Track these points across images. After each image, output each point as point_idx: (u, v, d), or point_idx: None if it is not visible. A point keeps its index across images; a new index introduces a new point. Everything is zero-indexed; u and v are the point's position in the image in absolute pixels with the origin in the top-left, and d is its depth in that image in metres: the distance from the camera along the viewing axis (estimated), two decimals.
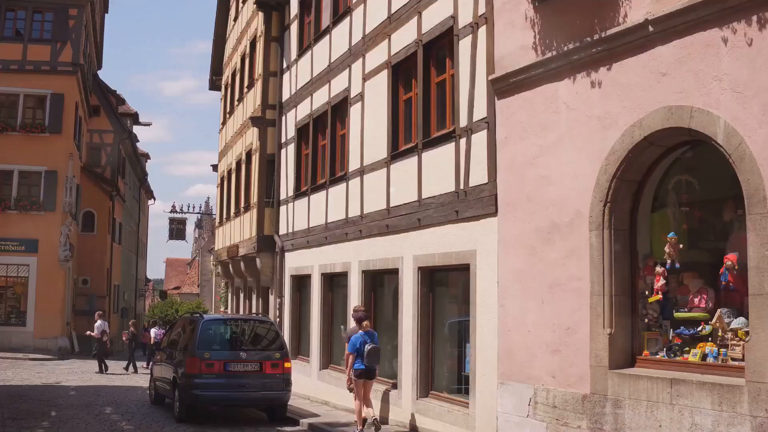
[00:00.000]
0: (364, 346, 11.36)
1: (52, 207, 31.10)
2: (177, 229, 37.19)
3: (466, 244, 10.34)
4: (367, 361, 11.34)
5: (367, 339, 11.46)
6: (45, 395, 16.35)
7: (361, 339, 11.44)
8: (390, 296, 13.38)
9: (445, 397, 11.01)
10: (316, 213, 16.07)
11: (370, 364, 11.41)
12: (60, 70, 31.88)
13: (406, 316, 11.85)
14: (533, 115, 9.26)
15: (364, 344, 11.38)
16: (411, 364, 11.61)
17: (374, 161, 13.24)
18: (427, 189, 11.41)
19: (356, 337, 11.52)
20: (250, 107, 20.41)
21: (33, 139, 31.17)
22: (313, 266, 16.07)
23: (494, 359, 9.61)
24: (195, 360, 12.55)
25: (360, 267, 13.64)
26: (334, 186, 15.14)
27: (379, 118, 13.18)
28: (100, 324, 23.63)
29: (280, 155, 18.70)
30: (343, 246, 14.47)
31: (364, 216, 13.55)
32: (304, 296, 17.60)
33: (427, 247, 11.37)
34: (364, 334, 11.51)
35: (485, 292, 9.88)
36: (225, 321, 13.92)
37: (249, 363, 12.74)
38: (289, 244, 17.76)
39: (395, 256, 12.31)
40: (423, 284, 11.57)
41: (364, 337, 11.46)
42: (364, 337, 11.47)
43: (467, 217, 10.32)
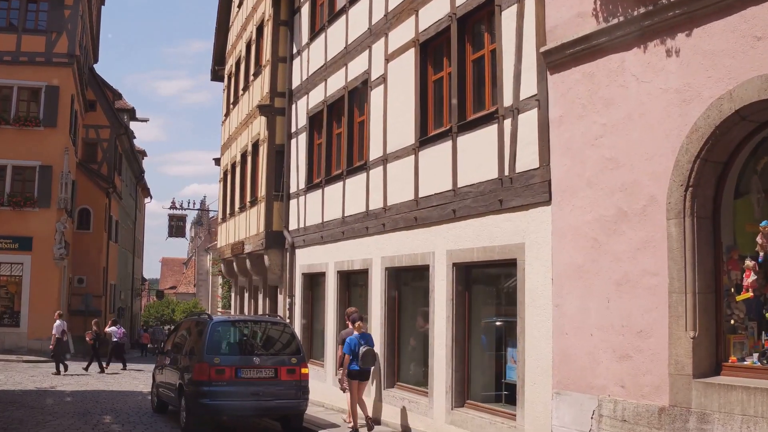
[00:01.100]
0: (359, 348, 11.53)
1: (46, 203, 30.08)
2: (177, 226, 36.05)
3: (511, 237, 9.25)
4: (362, 363, 11.51)
5: (362, 341, 11.65)
6: (39, 402, 15.21)
7: (356, 341, 11.61)
8: (418, 295, 12.29)
9: (485, 407, 9.91)
10: (331, 206, 14.96)
11: (365, 366, 11.59)
12: (55, 61, 30.92)
13: (438, 317, 10.75)
14: (594, 90, 8.19)
15: (359, 346, 11.55)
16: (444, 370, 10.51)
17: (399, 148, 12.14)
18: (463, 177, 10.32)
19: (352, 339, 11.67)
20: (256, 95, 19.27)
21: (27, 133, 30.18)
22: (328, 263, 14.96)
23: (548, 366, 8.53)
24: (204, 366, 11.42)
25: (383, 264, 12.54)
26: (353, 176, 14.03)
27: (404, 101, 12.09)
28: (59, 324, 22.64)
29: (290, 146, 17.57)
30: (363, 241, 13.36)
31: (387, 208, 12.45)
32: (317, 296, 16.49)
33: (463, 240, 10.28)
34: (359, 336, 11.69)
35: (536, 291, 8.79)
36: (236, 323, 12.75)
37: (263, 369, 11.62)
38: (300, 240, 16.63)
39: (425, 252, 11.21)
40: (458, 282, 10.47)
41: (359, 339, 11.65)
42: (360, 339, 11.66)
43: (513, 206, 9.23)
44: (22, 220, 29.50)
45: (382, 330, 12.45)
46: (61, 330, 22.56)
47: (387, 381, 12.32)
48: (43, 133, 30.35)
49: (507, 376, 9.89)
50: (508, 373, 9.88)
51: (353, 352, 11.52)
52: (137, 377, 23.38)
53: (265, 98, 18.13)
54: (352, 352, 11.53)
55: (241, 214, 20.79)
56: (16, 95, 30.73)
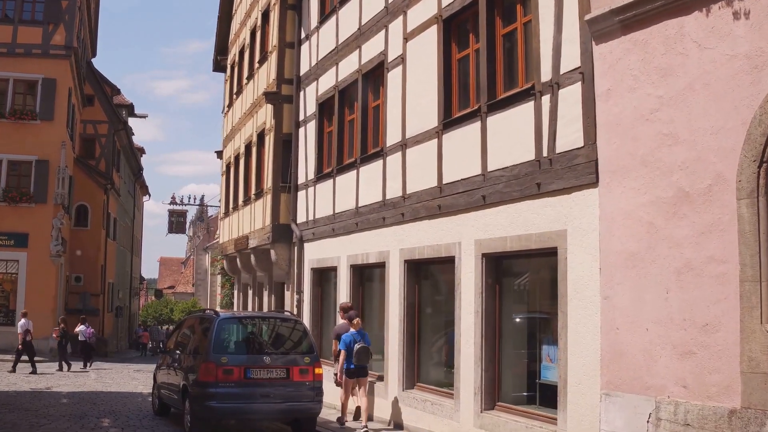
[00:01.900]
0: (354, 344, 11.44)
1: (43, 199, 29.30)
2: (177, 221, 35.15)
3: (551, 224, 8.46)
4: (356, 360, 11.38)
5: (358, 338, 11.55)
6: (34, 403, 14.37)
7: (351, 338, 11.50)
8: (440, 289, 11.51)
9: (519, 410, 9.10)
10: (343, 196, 14.15)
11: (359, 363, 11.45)
12: (52, 53, 30.15)
13: (465, 312, 9.95)
14: (648, 60, 7.40)
15: (354, 343, 11.46)
16: (473, 370, 9.70)
17: (420, 132, 11.34)
18: (494, 160, 9.52)
19: (348, 335, 11.54)
20: (262, 83, 18.44)
21: (23, 127, 29.41)
22: (340, 257, 14.14)
23: (595, 364, 7.73)
24: (210, 365, 10.59)
25: (402, 256, 11.73)
26: (367, 164, 13.22)
27: (425, 82, 11.30)
28: (23, 323, 22.00)
29: (297, 135, 16.74)
30: (379, 233, 12.56)
31: (407, 196, 11.64)
32: (327, 292, 15.68)
33: (493, 229, 9.48)
34: (355, 333, 11.57)
35: (580, 282, 7.99)
36: (244, 319, 11.89)
37: (273, 369, 10.77)
38: (309, 234, 15.82)
39: (450, 242, 10.40)
40: (488, 274, 9.66)
41: (355, 336, 11.54)
42: (355, 336, 11.55)
43: (553, 190, 8.43)
44: (17, 216, 28.71)
45: (401, 327, 11.65)
46: (25, 329, 21.99)
47: (406, 382, 11.52)
48: (39, 127, 29.57)
49: (542, 375, 9.10)
50: (543, 373, 9.09)
51: (349, 349, 11.44)
52: (136, 377, 22.57)
53: (272, 85, 17.30)
54: (347, 348, 11.46)
55: (246, 208, 19.95)
56: (12, 88, 29.95)
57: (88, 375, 22.14)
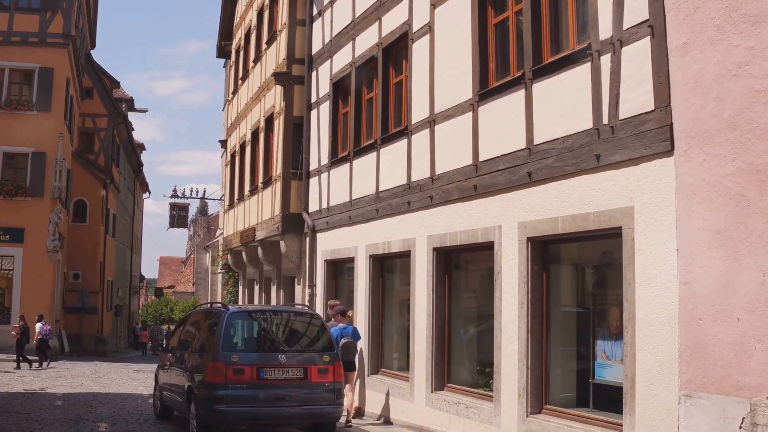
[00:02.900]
0: (340, 339, 11.37)
1: (40, 192, 28.31)
2: (179, 215, 33.97)
3: (614, 200, 7.38)
4: (342, 354, 11.01)
5: (346, 332, 11.65)
6: (26, 406, 13.29)
7: (339, 332, 11.51)
8: (475, 279, 10.47)
9: (573, 414, 8.02)
10: (361, 181, 13.06)
11: (345, 358, 11.17)
12: (50, 42, 29.21)
13: (508, 304, 8.87)
14: (735, 6, 6.32)
15: (341, 337, 11.44)
16: (516, 368, 8.63)
17: (451, 106, 10.26)
18: (542, 131, 8.45)
19: (335, 329, 11.49)
20: (271, 65, 17.35)
21: (19, 118, 28.45)
22: (357, 247, 13.06)
23: (671, 361, 6.65)
24: (219, 365, 9.49)
25: (430, 243, 10.65)
26: (389, 145, 12.14)
27: (457, 51, 10.22)
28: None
29: (309, 118, 15.64)
30: (403, 219, 11.48)
31: (436, 177, 10.56)
32: (342, 285, 14.61)
33: (541, 209, 8.40)
34: (343, 327, 11.66)
35: (651, 266, 6.92)
36: (256, 314, 10.77)
37: (289, 369, 9.68)
38: (322, 223, 14.73)
39: (488, 226, 9.32)
40: (534, 260, 8.59)
41: (343, 330, 11.61)
42: (343, 330, 11.63)
43: (617, 162, 7.36)
44: (13, 210, 27.73)
45: (429, 322, 10.56)
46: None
47: (436, 383, 10.43)
48: (36, 118, 28.59)
49: (596, 374, 8.03)
50: (598, 372, 8.02)
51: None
52: (136, 377, 21.50)
53: (282, 65, 16.21)
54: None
55: (252, 198, 18.85)
56: (8, 77, 29.04)
57: (86, 376, 21.05)
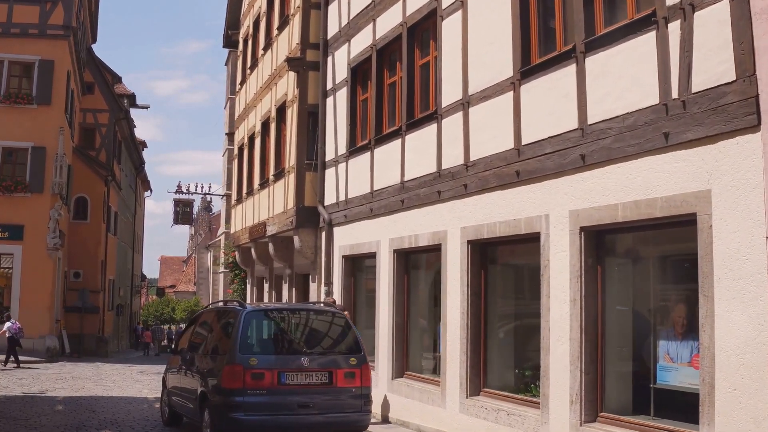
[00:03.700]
0: None
1: (39, 188, 27.44)
2: (183, 212, 33.12)
3: (686, 184, 6.53)
4: None
5: None
6: (25, 411, 12.44)
7: None
8: (516, 274, 9.63)
9: (636, 423, 7.16)
10: (384, 171, 12.21)
11: None
12: (50, 33, 28.34)
13: (557, 301, 8.01)
14: None
15: None
16: (567, 372, 7.77)
17: (488, 86, 9.40)
18: (597, 109, 7.60)
19: None
20: (283, 51, 16.48)
21: (19, 111, 27.58)
22: (380, 241, 12.20)
23: (761, 363, 5.80)
24: (236, 369, 8.64)
25: (464, 236, 9.79)
26: (415, 131, 11.29)
27: (495, 26, 9.37)
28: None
29: (324, 106, 14.77)
30: (433, 210, 10.62)
31: (470, 164, 9.70)
32: (361, 282, 13.76)
33: (597, 195, 7.55)
34: None
35: (733, 255, 6.06)
36: (276, 312, 9.90)
37: (313, 373, 8.84)
38: (339, 216, 13.87)
39: (533, 215, 8.47)
40: (588, 252, 7.73)
41: None
42: None
43: (689, 140, 6.50)
44: (12, 207, 26.86)
45: (464, 321, 9.70)
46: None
47: (471, 387, 9.57)
48: (36, 112, 27.72)
49: (658, 378, 7.18)
50: (660, 375, 7.18)
51: None
52: (140, 380, 20.63)
53: (295, 50, 15.35)
54: None
55: (263, 192, 17.99)
56: (7, 70, 28.17)
57: (87, 378, 20.20)
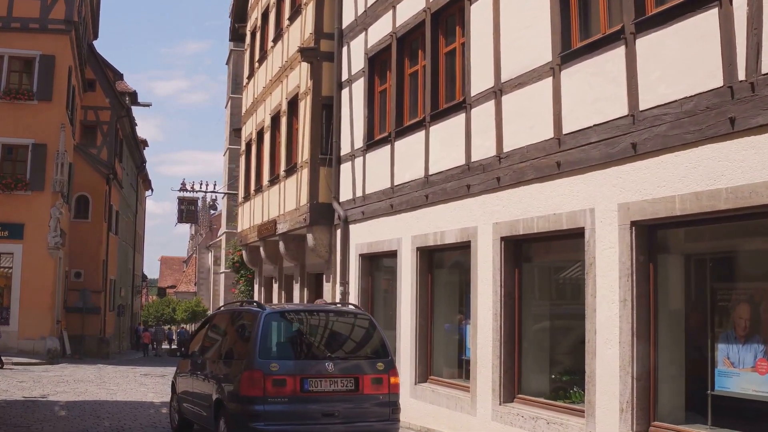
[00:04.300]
0: None
1: (40, 186, 26.79)
2: (187, 210, 32.47)
3: (757, 172, 5.93)
4: None
5: None
6: (26, 417, 11.81)
7: None
8: (554, 272, 9.02)
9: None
10: (406, 164, 11.62)
11: None
12: (51, 28, 27.64)
13: (604, 301, 7.42)
14: None
15: None
16: (617, 378, 7.18)
17: (524, 72, 8.81)
18: (649, 94, 7.01)
19: None
20: (294, 42, 15.87)
21: (19, 108, 26.90)
22: (401, 239, 11.61)
23: None
24: (255, 375, 8.01)
25: (496, 232, 9.19)
26: (441, 122, 10.70)
27: (530, 9, 8.79)
28: None
29: (339, 98, 14.18)
30: (461, 205, 10.02)
31: (504, 156, 9.11)
32: (379, 282, 13.18)
33: (650, 187, 6.96)
34: None
35: None
36: (298, 314, 9.23)
37: (338, 379, 8.22)
38: (356, 213, 13.27)
39: (576, 209, 7.87)
40: (639, 249, 7.15)
41: None
42: None
43: (759, 125, 5.92)
44: (12, 205, 26.20)
45: (496, 323, 9.10)
46: None
47: (504, 393, 8.97)
48: (36, 108, 27.07)
49: (717, 385, 6.61)
50: (719, 381, 6.63)
51: None
52: (144, 383, 19.98)
53: (308, 41, 14.74)
54: None
55: (273, 188, 17.38)
56: (7, 65, 27.46)
57: (90, 381, 19.57)
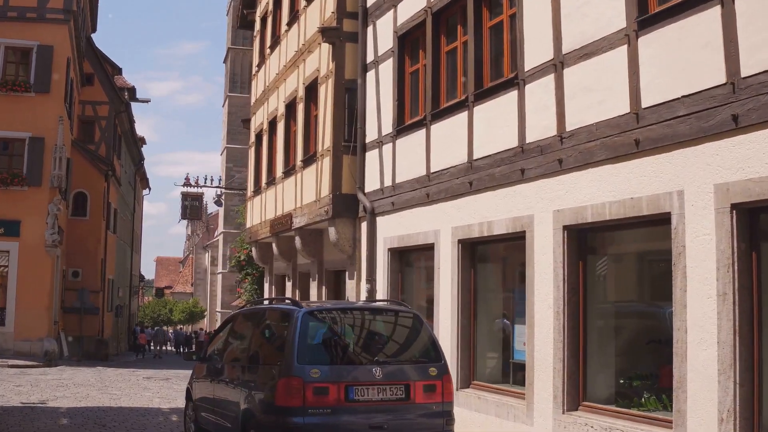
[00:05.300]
0: None
1: (37, 181, 25.86)
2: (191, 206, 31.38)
3: None
4: None
5: None
6: (25, 425, 10.81)
7: None
8: (626, 263, 8.11)
9: None
10: (444, 149, 10.67)
11: None
12: (49, 18, 26.74)
13: (698, 295, 6.48)
14: None
15: None
16: (715, 383, 6.25)
17: (592, 41, 7.87)
18: (751, 59, 6.07)
19: None
20: (313, 24, 14.88)
21: (16, 100, 25.98)
22: (439, 231, 10.65)
23: None
24: (294, 382, 7.01)
25: (558, 221, 8.25)
26: (486, 101, 9.75)
27: None
28: None
29: (365, 81, 13.22)
30: (513, 191, 9.06)
31: (566, 135, 8.17)
32: (410, 279, 12.23)
33: (757, 164, 6.03)
34: None
35: None
36: (339, 313, 8.15)
37: (386, 386, 7.24)
38: (385, 204, 12.31)
39: (659, 193, 6.92)
40: (740, 236, 6.22)
41: None
42: None
43: None
44: (8, 201, 25.27)
45: (558, 322, 8.14)
46: None
47: (568, 401, 8.03)
48: (34, 100, 26.14)
49: None
50: None
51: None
52: (148, 387, 18.95)
53: (330, 20, 13.78)
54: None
55: (287, 181, 16.38)
56: (4, 56, 26.62)
57: (91, 385, 18.57)
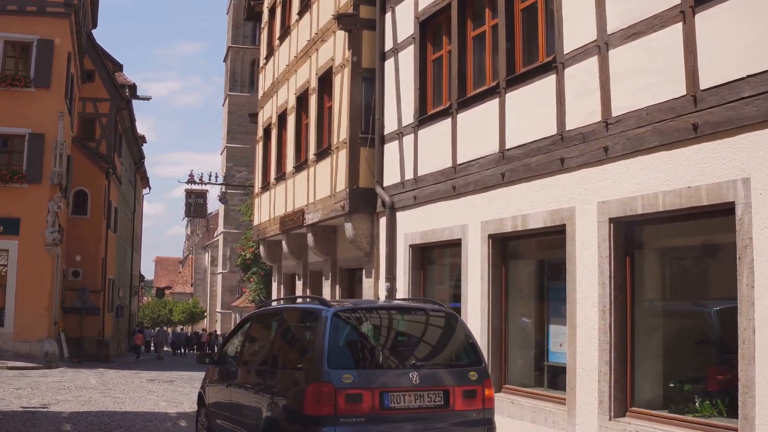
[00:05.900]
0: None
1: (37, 178, 25.28)
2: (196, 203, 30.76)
3: None
4: None
5: None
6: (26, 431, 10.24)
7: None
8: (677, 258, 7.53)
9: None
10: (472, 140, 10.08)
11: None
12: (49, 11, 26.20)
13: (766, 292, 5.92)
14: None
15: None
16: None
17: (639, 20, 7.29)
18: None
19: None
20: (326, 12, 14.25)
21: (15, 95, 25.42)
22: (467, 225, 10.06)
23: None
24: (324, 389, 6.38)
25: (602, 213, 7.66)
26: (520, 87, 9.15)
27: None
28: None
29: (383, 70, 12.62)
30: (551, 182, 8.47)
31: (612, 121, 7.59)
32: (432, 277, 11.63)
33: None
34: None
35: None
36: (371, 313, 7.42)
37: (424, 392, 6.63)
38: (406, 198, 11.72)
39: (720, 181, 6.34)
40: None
41: None
42: None
43: None
44: (8, 198, 24.69)
45: (604, 323, 7.55)
46: None
47: (616, 407, 7.44)
48: (33, 95, 25.57)
49: None
50: None
51: None
52: (153, 390, 18.32)
53: (345, 6, 13.19)
54: None
55: (298, 176, 15.78)
56: (3, 50, 26.00)
57: (93, 388, 17.96)
